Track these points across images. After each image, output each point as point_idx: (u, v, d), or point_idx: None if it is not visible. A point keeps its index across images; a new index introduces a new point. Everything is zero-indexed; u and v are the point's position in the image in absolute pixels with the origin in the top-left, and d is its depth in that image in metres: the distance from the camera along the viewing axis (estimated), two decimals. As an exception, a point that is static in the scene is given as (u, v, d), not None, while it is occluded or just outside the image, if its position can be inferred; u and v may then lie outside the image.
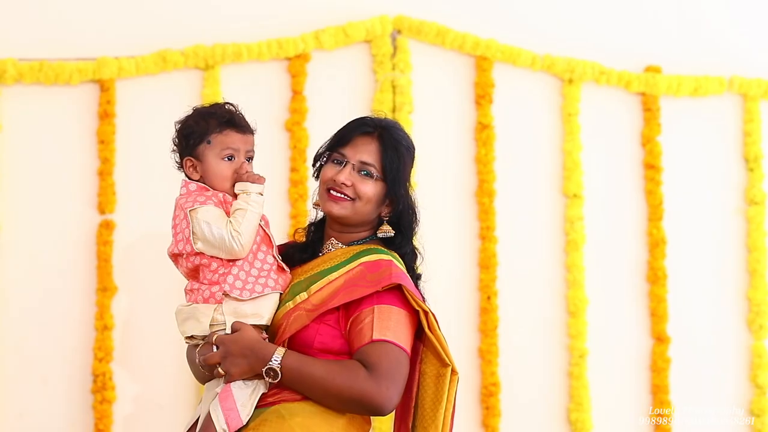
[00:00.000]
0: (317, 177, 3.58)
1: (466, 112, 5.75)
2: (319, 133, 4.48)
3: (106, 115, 5.55)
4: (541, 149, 5.81)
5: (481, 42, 5.66)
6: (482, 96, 5.68)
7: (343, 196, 3.37)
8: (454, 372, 3.28)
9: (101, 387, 5.49)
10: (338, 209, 3.39)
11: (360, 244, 3.44)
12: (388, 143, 3.43)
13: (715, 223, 5.91)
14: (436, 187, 5.69)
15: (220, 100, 5.10)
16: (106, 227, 5.53)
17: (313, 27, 5.66)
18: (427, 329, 3.27)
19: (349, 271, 3.32)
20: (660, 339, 5.74)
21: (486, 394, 5.63)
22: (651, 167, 5.78)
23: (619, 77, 5.73)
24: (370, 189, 3.39)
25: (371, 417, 3.42)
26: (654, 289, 5.77)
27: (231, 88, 5.55)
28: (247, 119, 3.61)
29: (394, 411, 3.37)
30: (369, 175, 3.39)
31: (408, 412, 3.40)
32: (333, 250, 3.43)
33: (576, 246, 5.72)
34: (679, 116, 5.88)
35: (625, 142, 5.87)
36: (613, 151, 5.89)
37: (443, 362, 3.26)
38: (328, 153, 3.52)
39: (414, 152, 3.58)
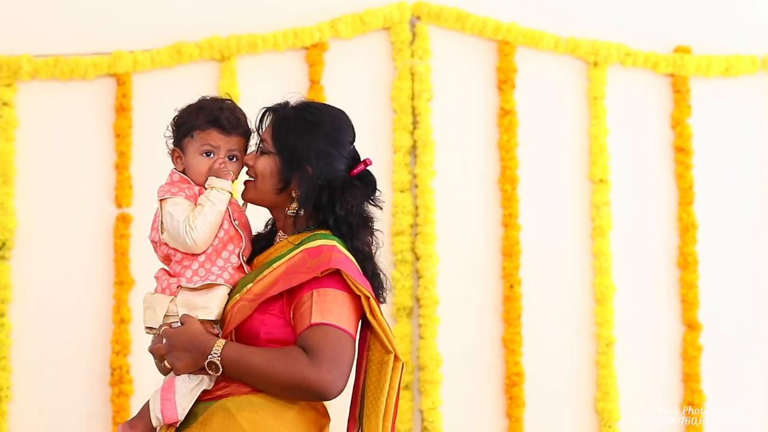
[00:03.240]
0: None
1: (488, 97, 5.75)
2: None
3: (122, 109, 5.63)
4: (565, 134, 5.80)
5: (502, 26, 5.68)
6: (504, 81, 5.70)
7: (249, 179, 3.39)
8: (397, 359, 3.25)
9: (119, 380, 5.53)
10: (244, 194, 3.41)
11: (304, 232, 3.36)
12: (280, 116, 3.39)
13: (748, 207, 5.84)
14: (458, 174, 5.73)
15: (237, 92, 5.36)
16: (123, 221, 5.56)
17: (329, 15, 5.70)
18: (369, 314, 3.23)
19: (291, 258, 3.26)
20: (691, 326, 5.68)
21: (510, 384, 5.61)
22: (681, 150, 5.74)
23: (646, 58, 5.72)
24: (261, 163, 3.36)
25: (327, 409, 3.34)
26: (685, 275, 5.69)
27: (248, 80, 5.63)
28: (240, 120, 3.50)
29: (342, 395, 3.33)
30: (264, 151, 3.38)
31: (355, 401, 3.36)
32: (279, 241, 3.40)
33: (602, 232, 5.67)
34: (710, 97, 5.80)
35: (653, 125, 5.84)
36: (640, 135, 5.85)
37: (386, 349, 3.23)
38: None
39: (327, 126, 3.45)
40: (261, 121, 3.50)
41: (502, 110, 5.71)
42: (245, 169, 3.58)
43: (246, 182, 3.43)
